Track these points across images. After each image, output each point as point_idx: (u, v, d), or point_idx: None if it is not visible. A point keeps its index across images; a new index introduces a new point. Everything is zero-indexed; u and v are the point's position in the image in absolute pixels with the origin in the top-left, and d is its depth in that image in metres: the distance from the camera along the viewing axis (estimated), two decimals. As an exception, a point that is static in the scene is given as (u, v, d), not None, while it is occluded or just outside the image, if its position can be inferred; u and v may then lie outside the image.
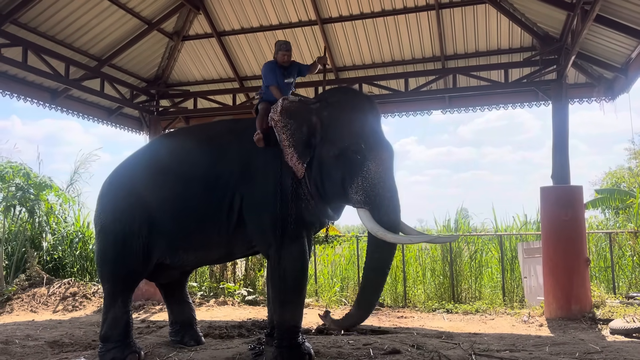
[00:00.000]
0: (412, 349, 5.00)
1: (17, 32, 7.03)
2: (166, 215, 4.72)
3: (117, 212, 4.83)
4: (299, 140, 4.37)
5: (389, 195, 4.21)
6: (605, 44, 7.05)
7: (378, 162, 4.23)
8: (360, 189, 4.20)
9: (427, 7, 7.96)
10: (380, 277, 4.38)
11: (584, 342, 5.26)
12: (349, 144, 4.25)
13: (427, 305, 8.29)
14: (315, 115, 4.43)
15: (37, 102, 8.24)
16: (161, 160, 4.96)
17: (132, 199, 4.79)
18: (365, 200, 4.18)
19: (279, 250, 4.43)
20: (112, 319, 4.75)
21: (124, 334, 4.76)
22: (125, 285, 4.86)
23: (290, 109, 4.42)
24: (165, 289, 5.60)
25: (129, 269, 4.79)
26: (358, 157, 4.22)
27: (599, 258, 8.95)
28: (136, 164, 5.14)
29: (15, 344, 5.46)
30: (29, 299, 8.63)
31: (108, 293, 4.87)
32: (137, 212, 4.73)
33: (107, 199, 5.00)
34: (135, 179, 4.93)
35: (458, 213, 9.98)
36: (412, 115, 9.35)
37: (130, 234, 4.72)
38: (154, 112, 9.74)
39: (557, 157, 7.34)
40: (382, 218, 4.15)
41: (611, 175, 20.15)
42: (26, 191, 9.67)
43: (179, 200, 4.68)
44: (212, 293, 9.38)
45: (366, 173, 4.19)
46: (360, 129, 4.33)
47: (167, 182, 4.76)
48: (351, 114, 4.40)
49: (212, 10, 8.70)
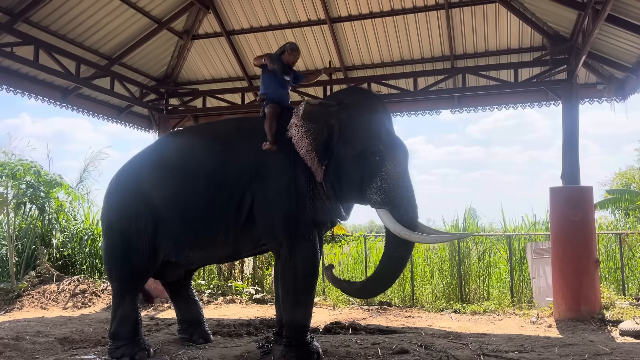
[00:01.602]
0: (420, 348, 5.00)
1: (29, 30, 7.09)
2: (172, 213, 4.73)
3: (123, 210, 4.84)
4: (319, 143, 4.45)
5: (407, 195, 4.33)
6: (617, 43, 7.00)
7: (396, 162, 4.35)
8: (379, 190, 4.31)
9: (436, 6, 7.93)
10: (396, 274, 4.58)
11: (593, 344, 5.24)
12: (367, 145, 4.36)
13: (435, 305, 8.28)
14: (334, 118, 4.51)
15: (48, 100, 8.30)
16: (167, 158, 4.98)
17: (138, 197, 4.80)
18: (385, 200, 4.29)
19: (291, 250, 4.46)
20: (121, 316, 4.78)
21: (133, 331, 4.79)
22: (132, 283, 4.88)
23: (312, 113, 4.50)
24: (170, 288, 5.60)
25: (135, 267, 4.81)
26: (377, 159, 4.33)
27: (608, 259, 8.89)
28: (142, 162, 5.15)
29: (25, 340, 5.51)
30: (39, 295, 8.70)
31: (116, 291, 4.90)
32: (143, 210, 4.75)
33: (114, 196, 5.01)
34: (141, 177, 4.94)
35: (466, 213, 9.94)
36: (421, 114, 9.33)
37: (136, 232, 4.73)
38: (163, 111, 9.79)
39: (566, 157, 7.30)
40: (402, 217, 4.26)
41: (621, 175, 20.02)
42: (37, 189, 9.73)
43: (185, 198, 4.70)
44: (220, 291, 9.41)
45: (385, 174, 4.30)
46: (377, 130, 4.44)
47: (172, 180, 4.78)
48: (368, 115, 4.50)
49: (222, 10, 8.72)
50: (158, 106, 9.76)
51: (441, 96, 8.83)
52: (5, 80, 7.45)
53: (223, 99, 9.62)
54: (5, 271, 9.81)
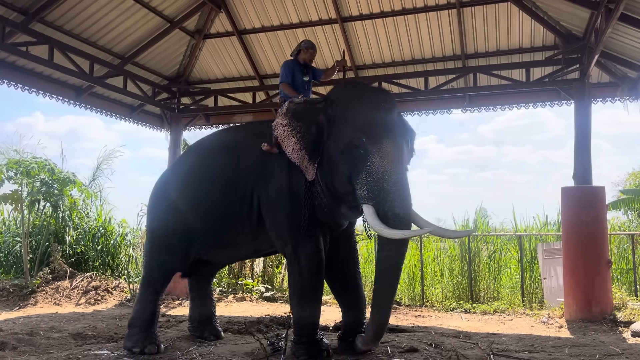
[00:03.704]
0: (430, 347, 4.99)
1: (44, 30, 7.19)
2: (195, 215, 4.97)
3: (155, 213, 5.32)
4: (308, 141, 4.34)
5: (393, 189, 3.99)
6: (630, 42, 6.94)
7: (382, 155, 4.04)
8: (364, 184, 4.04)
9: (448, 5, 7.91)
10: (393, 278, 4.12)
11: (604, 344, 5.20)
12: (351, 139, 4.14)
13: (445, 304, 8.27)
14: (322, 114, 4.40)
15: (62, 99, 8.41)
16: (190, 163, 5.30)
17: (167, 201, 5.16)
18: (369, 195, 4.02)
19: (295, 248, 4.48)
20: (141, 306, 5.06)
21: (147, 323, 4.97)
22: (157, 278, 5.15)
23: (297, 111, 4.44)
24: (193, 283, 5.74)
25: (163, 265, 5.11)
26: (361, 152, 4.09)
27: (620, 260, 8.82)
28: (173, 167, 5.65)
29: (40, 335, 5.59)
30: (52, 291, 8.82)
31: (142, 283, 5.22)
32: (171, 214, 5.06)
33: (150, 201, 5.46)
34: (169, 183, 5.32)
35: (477, 212, 9.93)
36: (432, 114, 9.31)
37: (166, 233, 5.06)
38: (175, 110, 9.86)
39: (579, 157, 7.25)
40: (387, 214, 3.96)
41: (634, 176, 19.76)
42: (50, 186, 9.85)
43: (205, 201, 4.91)
44: (231, 289, 9.48)
45: (370, 167, 4.03)
46: (362, 122, 4.19)
47: (194, 184, 5.04)
48: (355, 107, 4.30)
49: (233, 9, 8.77)
50: (170, 105, 9.84)
51: (452, 95, 8.81)
52: (20, 79, 7.57)
53: (234, 97, 9.67)
54: (19, 267, 9.95)
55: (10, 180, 9.44)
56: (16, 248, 10.25)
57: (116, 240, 11.10)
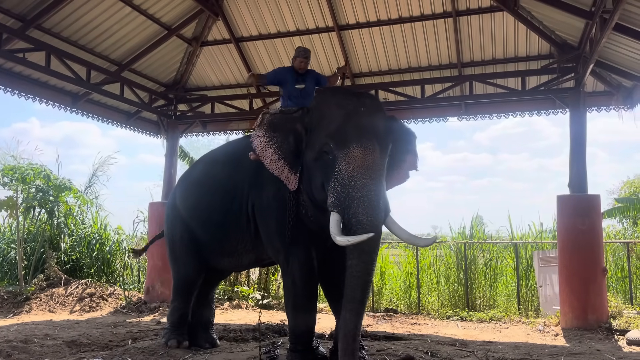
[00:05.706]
0: (426, 355, 4.99)
1: (41, 37, 7.19)
2: (198, 224, 5.18)
3: (167, 222, 5.66)
4: (287, 151, 4.25)
5: (358, 195, 3.73)
6: (625, 52, 6.99)
7: (349, 160, 3.82)
8: (332, 191, 3.85)
9: (444, 14, 7.97)
10: (355, 288, 3.72)
11: (600, 353, 5.21)
12: (321, 145, 4.03)
13: (441, 312, 8.27)
14: (299, 123, 4.30)
15: (59, 105, 8.40)
16: (194, 174, 5.57)
17: (175, 210, 5.48)
18: (334, 202, 3.81)
19: (287, 257, 4.48)
20: (173, 308, 5.50)
21: (177, 323, 5.40)
22: (184, 283, 5.45)
23: (273, 122, 4.36)
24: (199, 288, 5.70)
25: (184, 271, 5.43)
26: (330, 158, 3.95)
27: (616, 268, 8.85)
28: (181, 178, 5.89)
29: (34, 342, 5.55)
30: (47, 298, 8.76)
31: (173, 287, 5.62)
32: (178, 223, 5.39)
33: (165, 211, 5.84)
34: (175, 193, 5.64)
35: (473, 220, 9.94)
36: (428, 121, 9.34)
37: (179, 241, 5.40)
38: (172, 116, 9.87)
39: (574, 165, 7.29)
40: (351, 220, 3.72)
41: (629, 184, 19.85)
42: (46, 193, 9.82)
43: (205, 210, 5.06)
44: (227, 296, 9.45)
45: (337, 174, 3.84)
46: (333, 127, 4.02)
47: (196, 194, 5.26)
48: (330, 113, 4.13)
49: (231, 17, 8.80)
50: (167, 112, 9.84)
51: (448, 103, 8.86)
52: (17, 85, 7.57)
53: (231, 105, 9.67)
54: (14, 274, 9.91)
55: (5, 186, 9.41)
56: (11, 255, 10.19)
57: (112, 247, 11.05)
